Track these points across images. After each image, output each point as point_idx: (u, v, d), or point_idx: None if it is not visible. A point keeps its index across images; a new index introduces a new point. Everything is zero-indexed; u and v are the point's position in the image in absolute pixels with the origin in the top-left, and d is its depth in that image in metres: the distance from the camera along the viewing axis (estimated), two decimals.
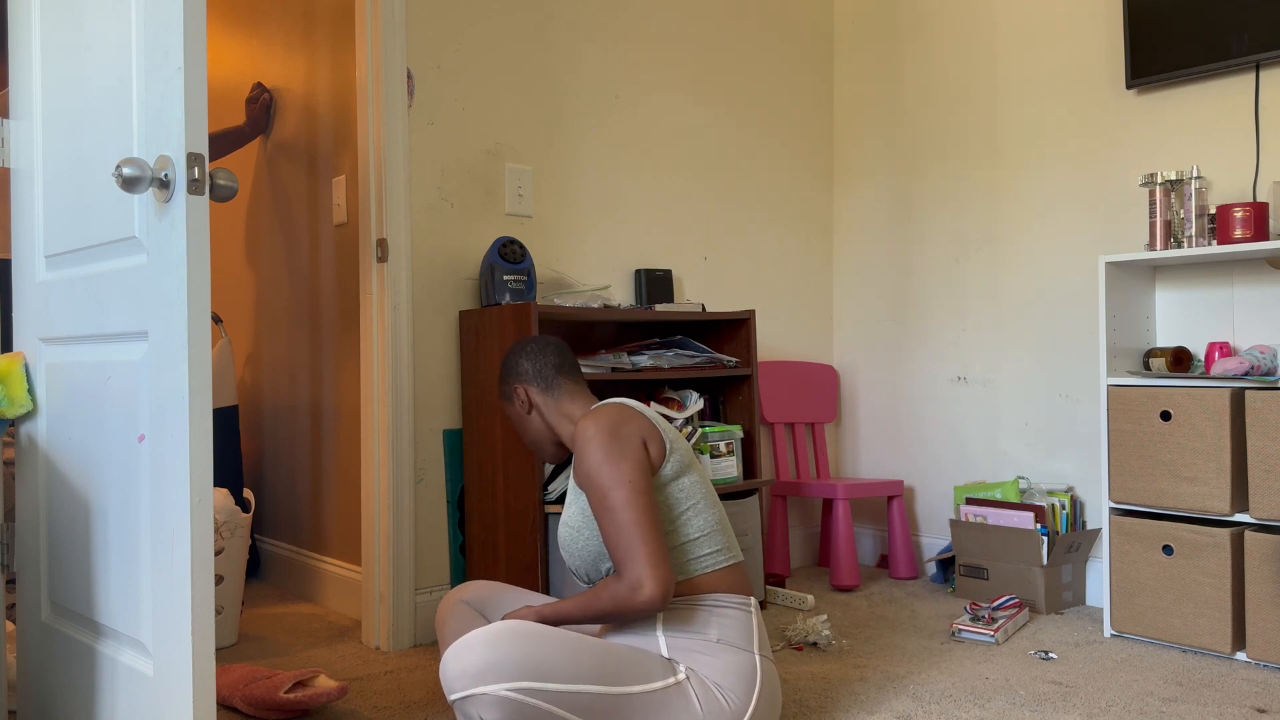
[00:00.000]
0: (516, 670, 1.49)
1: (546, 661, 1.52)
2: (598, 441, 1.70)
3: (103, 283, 1.68)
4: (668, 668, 1.64)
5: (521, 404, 1.93)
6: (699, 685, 1.64)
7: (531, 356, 1.94)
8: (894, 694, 2.17)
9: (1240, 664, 2.38)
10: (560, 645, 1.55)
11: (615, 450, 1.69)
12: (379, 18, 2.56)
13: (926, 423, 3.44)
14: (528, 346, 1.97)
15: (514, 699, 1.48)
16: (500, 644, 1.51)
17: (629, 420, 1.74)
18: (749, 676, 1.68)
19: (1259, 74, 2.68)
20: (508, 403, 1.97)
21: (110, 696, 1.67)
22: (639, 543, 1.63)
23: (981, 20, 3.29)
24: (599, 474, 1.68)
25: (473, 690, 1.49)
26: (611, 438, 1.70)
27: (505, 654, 1.50)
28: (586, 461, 1.70)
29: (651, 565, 1.62)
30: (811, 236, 3.65)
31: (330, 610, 2.96)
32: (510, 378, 1.96)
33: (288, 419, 3.23)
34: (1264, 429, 2.35)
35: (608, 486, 1.67)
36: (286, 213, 3.19)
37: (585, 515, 1.76)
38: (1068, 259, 3.08)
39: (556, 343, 1.97)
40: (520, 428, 1.97)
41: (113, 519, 1.65)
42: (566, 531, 1.80)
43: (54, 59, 1.85)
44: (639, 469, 1.69)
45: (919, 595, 3.08)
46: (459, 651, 1.51)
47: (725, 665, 1.67)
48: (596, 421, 1.73)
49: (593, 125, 3.03)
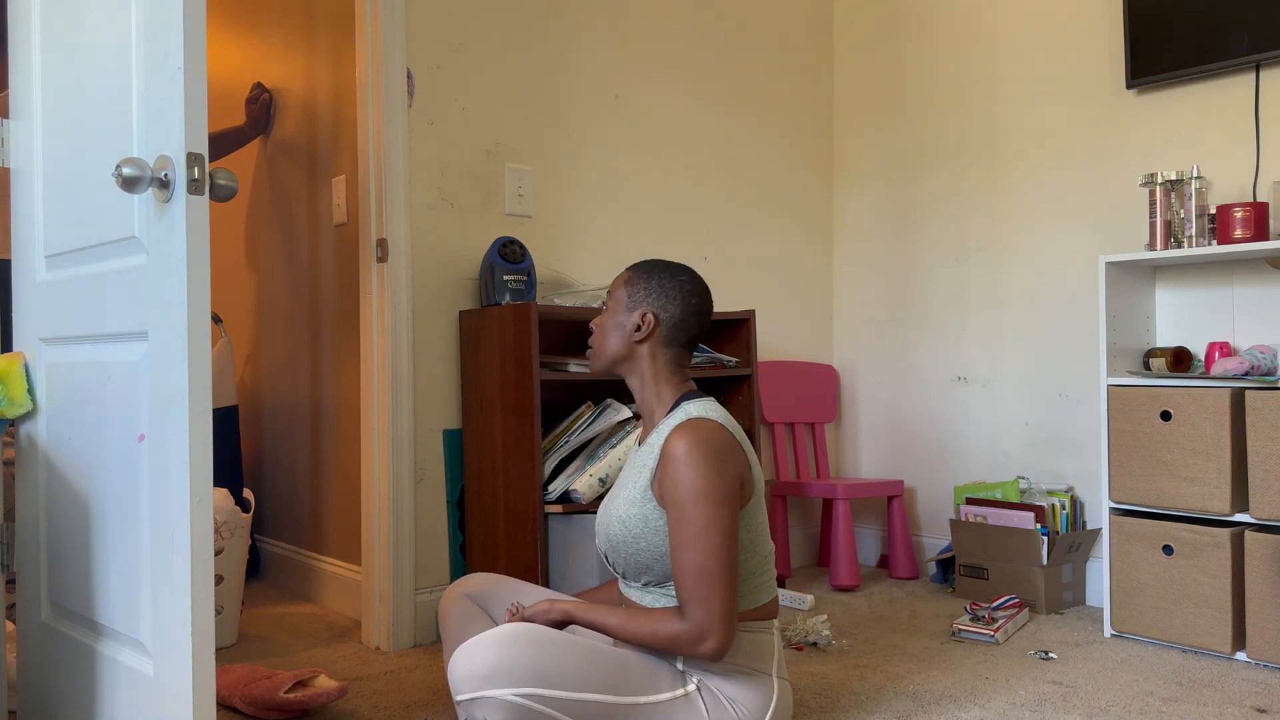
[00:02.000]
0: (525, 675, 1.49)
1: (555, 668, 1.51)
2: (701, 472, 1.60)
3: (102, 283, 1.68)
4: (678, 679, 1.64)
5: (637, 328, 1.75)
6: (710, 698, 1.63)
7: (685, 302, 1.76)
8: (894, 694, 2.17)
9: (1240, 664, 2.38)
10: (569, 652, 1.54)
11: (717, 490, 1.60)
12: (379, 18, 2.56)
13: (926, 423, 3.44)
14: (686, 289, 1.77)
15: (520, 704, 1.48)
16: (510, 648, 1.50)
17: (732, 453, 1.64)
18: (765, 696, 1.67)
19: (1259, 74, 2.68)
20: (627, 309, 1.77)
21: (110, 696, 1.67)
22: (716, 594, 1.57)
23: (981, 20, 3.29)
24: (695, 508, 1.59)
25: (480, 693, 1.48)
26: (716, 472, 1.60)
27: (514, 658, 1.49)
28: (683, 487, 1.60)
29: (723, 621, 1.56)
30: (811, 236, 3.65)
31: (330, 610, 2.96)
32: (651, 298, 1.76)
33: (288, 419, 3.23)
34: (1264, 429, 2.35)
35: (701, 527, 1.58)
36: (286, 213, 3.19)
37: (648, 525, 1.67)
38: (1068, 259, 3.08)
39: (709, 305, 1.80)
40: (608, 335, 1.78)
41: (113, 519, 1.65)
42: (622, 530, 1.69)
43: (54, 59, 1.85)
44: (735, 515, 1.61)
45: (919, 595, 3.08)
46: (468, 653, 1.51)
47: (741, 683, 1.66)
48: (706, 442, 1.61)
49: (593, 125, 3.03)
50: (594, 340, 1.82)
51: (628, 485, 1.74)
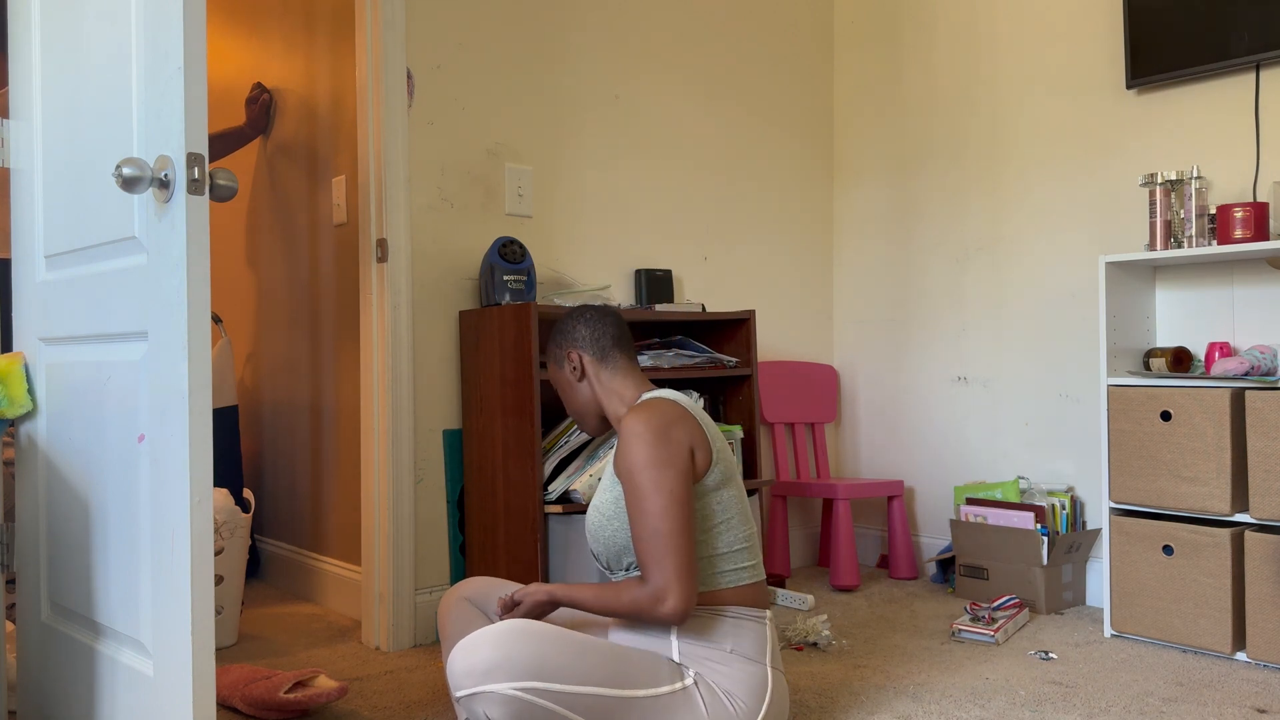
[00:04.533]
0: (523, 670, 1.50)
1: (553, 662, 1.52)
2: (645, 440, 1.66)
3: (103, 283, 1.68)
4: (675, 672, 1.65)
5: (573, 370, 1.86)
6: (706, 691, 1.64)
7: (590, 324, 1.88)
8: (894, 694, 2.17)
9: (1240, 664, 2.38)
10: (567, 646, 1.55)
11: (661, 454, 1.66)
12: (379, 18, 2.56)
13: (926, 423, 3.44)
14: (586, 313, 1.90)
15: (520, 698, 1.49)
16: (508, 643, 1.51)
17: (678, 422, 1.70)
18: (759, 687, 1.68)
19: (1259, 74, 2.68)
20: (557, 367, 1.90)
21: (110, 696, 1.67)
22: (669, 554, 1.61)
23: (981, 20, 3.29)
24: (641, 474, 1.65)
25: (479, 688, 1.49)
26: (660, 440, 1.66)
27: (512, 653, 1.50)
28: (630, 458, 1.67)
29: (678, 579, 1.60)
30: (811, 236, 3.65)
31: (330, 610, 2.96)
32: (564, 341, 1.88)
33: (288, 419, 3.23)
34: (1264, 429, 2.35)
35: (647, 490, 1.64)
36: (286, 213, 3.19)
37: (618, 505, 1.74)
38: (1068, 259, 3.08)
39: (616, 315, 1.91)
40: (566, 395, 1.90)
41: (113, 519, 1.65)
42: (596, 518, 1.77)
43: (54, 59, 1.85)
44: (681, 478, 1.66)
45: (919, 595, 3.08)
46: (466, 649, 1.51)
47: (736, 675, 1.67)
48: (647, 417, 1.69)
49: (593, 125, 3.03)
50: (571, 412, 1.92)
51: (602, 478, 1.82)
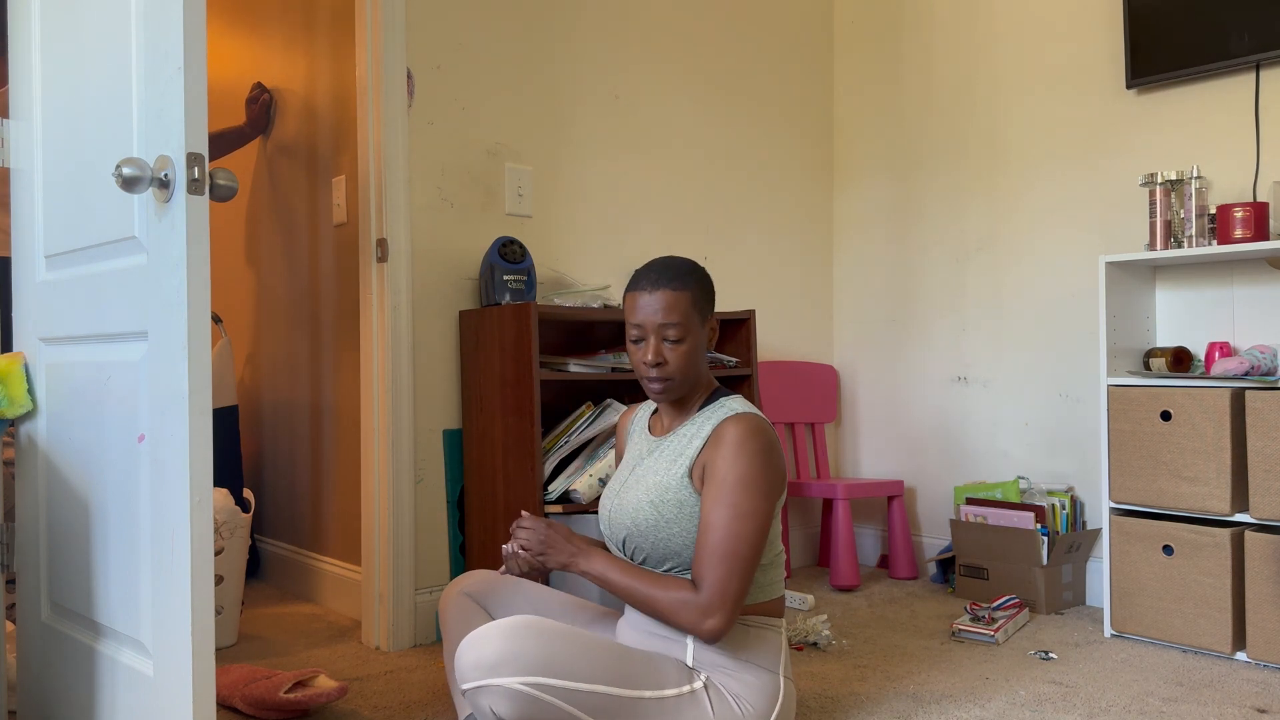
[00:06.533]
0: (531, 665, 1.49)
1: (561, 658, 1.52)
2: (761, 461, 1.63)
3: (102, 283, 1.68)
4: (684, 675, 1.64)
5: (710, 339, 1.77)
6: (715, 695, 1.64)
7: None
8: (894, 694, 2.17)
9: (1240, 664, 2.38)
10: (576, 644, 1.55)
11: (769, 481, 1.64)
12: (379, 18, 2.56)
13: (926, 423, 3.44)
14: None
15: (526, 693, 1.48)
16: (517, 638, 1.51)
17: (779, 450, 1.68)
18: (771, 695, 1.69)
19: (1259, 74, 2.68)
20: (701, 325, 1.74)
21: (110, 696, 1.67)
22: (735, 579, 1.60)
23: (981, 20, 3.29)
24: (744, 492, 1.62)
25: (486, 681, 1.49)
26: (770, 465, 1.64)
27: (521, 648, 1.50)
28: (739, 469, 1.62)
29: (731, 604, 1.59)
30: (811, 236, 3.65)
31: (330, 610, 2.96)
32: (711, 305, 1.76)
33: (288, 419, 3.23)
34: (1264, 429, 2.35)
35: (744, 511, 1.61)
36: (286, 213, 3.19)
37: (684, 510, 1.68)
38: (1068, 259, 3.08)
39: None
40: (689, 360, 1.72)
41: (113, 519, 1.65)
42: (654, 515, 1.69)
43: (54, 59, 1.85)
44: (772, 510, 1.65)
45: (919, 595, 3.08)
46: (475, 642, 1.51)
47: (748, 682, 1.67)
48: (762, 434, 1.65)
49: (592, 125, 3.03)
50: (673, 370, 1.71)
51: (655, 471, 1.74)
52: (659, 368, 1.70)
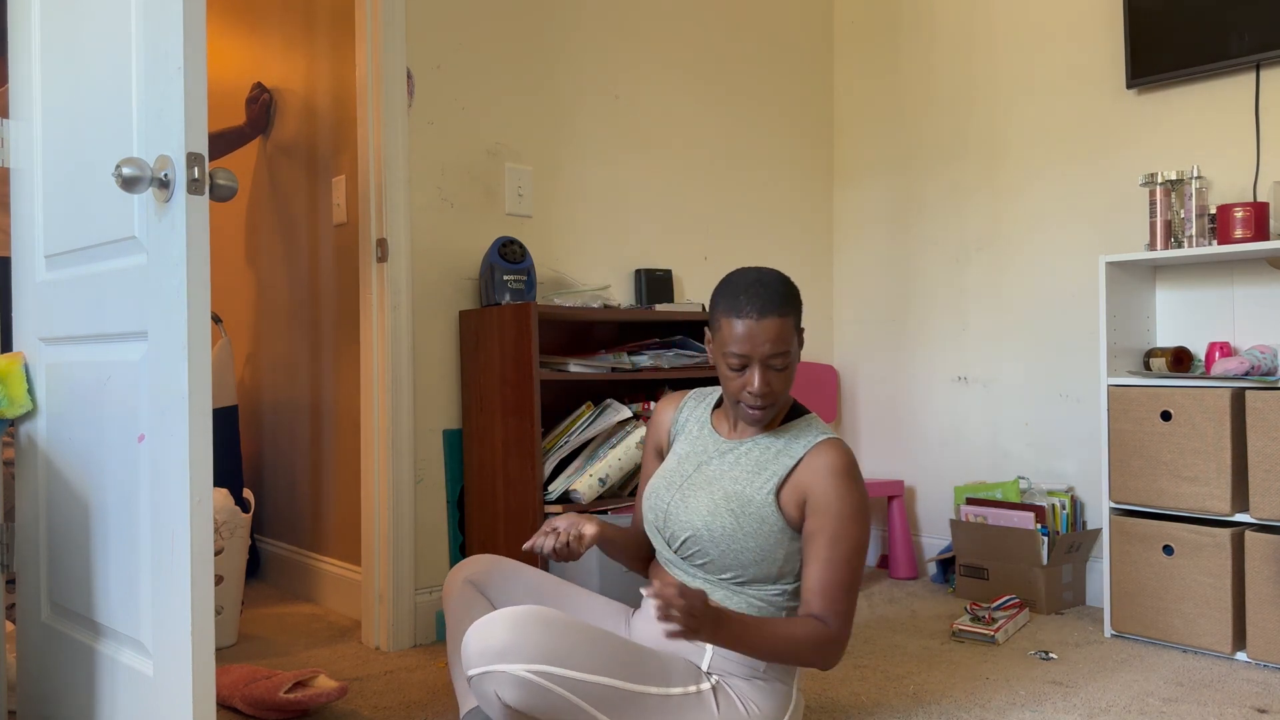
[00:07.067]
0: (537, 653, 1.49)
1: (567, 649, 1.52)
2: (862, 491, 1.67)
3: (102, 283, 1.68)
4: (694, 676, 1.65)
5: (799, 352, 1.73)
6: (723, 698, 1.65)
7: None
8: (894, 694, 2.17)
9: (1240, 664, 2.38)
10: (583, 635, 1.55)
11: (867, 510, 1.68)
12: (379, 18, 2.56)
13: (926, 423, 3.44)
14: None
15: (532, 680, 1.48)
16: (524, 626, 1.51)
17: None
18: (781, 704, 1.70)
19: (1259, 74, 2.68)
20: (798, 348, 1.70)
21: (110, 696, 1.67)
22: (851, 606, 1.65)
23: (981, 20, 3.29)
24: (855, 524, 1.65)
25: (493, 667, 1.49)
26: (865, 493, 1.68)
27: (528, 636, 1.50)
28: (849, 502, 1.64)
29: (850, 633, 1.67)
30: (811, 236, 3.65)
31: (330, 610, 2.96)
32: (800, 321, 1.72)
33: (288, 419, 3.23)
34: (1264, 429, 2.35)
35: (855, 544, 1.65)
36: (286, 213, 3.19)
37: (765, 525, 1.67)
38: (1068, 259, 3.08)
39: None
40: (789, 382, 1.69)
41: (113, 519, 1.65)
42: (734, 525, 1.66)
43: (54, 59, 1.85)
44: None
45: (919, 595, 3.08)
46: (482, 630, 1.51)
47: (761, 688, 1.69)
48: (857, 464, 1.70)
49: (593, 125, 3.03)
50: (777, 398, 1.68)
51: (736, 480, 1.71)
52: (765, 396, 1.66)
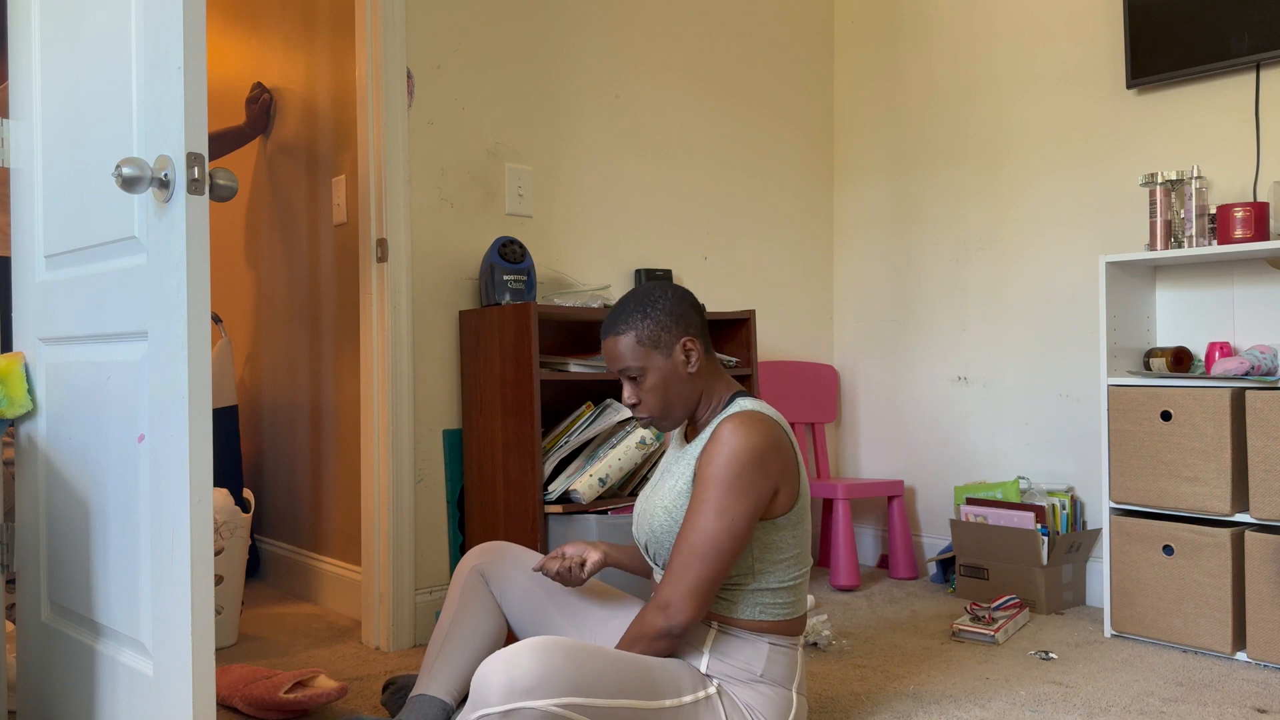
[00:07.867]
0: (563, 686, 1.47)
1: (590, 677, 1.51)
2: (738, 459, 1.61)
3: (102, 283, 1.68)
4: (699, 681, 1.65)
5: (686, 360, 1.73)
6: (728, 702, 1.66)
7: (698, 308, 1.75)
8: (894, 694, 2.17)
9: (1240, 664, 2.38)
10: (602, 660, 1.55)
11: (744, 482, 1.61)
12: (379, 18, 2.56)
13: (926, 423, 3.44)
14: (689, 296, 1.76)
15: (560, 714, 1.47)
16: (548, 658, 1.48)
17: (776, 452, 1.65)
18: (783, 710, 1.70)
19: (1259, 74, 2.68)
20: (664, 356, 1.72)
21: (110, 696, 1.67)
22: (693, 572, 1.60)
23: (982, 20, 3.28)
24: (714, 490, 1.61)
25: (521, 704, 1.45)
26: (751, 466, 1.61)
27: (553, 669, 1.47)
28: (714, 468, 1.62)
29: (693, 599, 1.60)
30: (811, 236, 3.65)
31: (330, 610, 2.96)
32: (677, 327, 1.72)
33: (288, 419, 3.23)
34: (1264, 429, 2.35)
35: (711, 509, 1.61)
36: (286, 213, 3.19)
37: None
38: (1068, 259, 3.08)
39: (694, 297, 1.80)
40: (669, 389, 1.73)
41: (113, 519, 1.65)
42: (667, 521, 1.70)
43: (54, 58, 1.85)
44: (750, 513, 1.62)
45: (919, 595, 3.08)
46: (507, 664, 1.47)
47: (762, 696, 1.69)
48: (749, 435, 1.62)
49: (593, 125, 3.03)
50: (651, 409, 1.74)
51: (674, 476, 1.75)
52: (636, 408, 1.76)
